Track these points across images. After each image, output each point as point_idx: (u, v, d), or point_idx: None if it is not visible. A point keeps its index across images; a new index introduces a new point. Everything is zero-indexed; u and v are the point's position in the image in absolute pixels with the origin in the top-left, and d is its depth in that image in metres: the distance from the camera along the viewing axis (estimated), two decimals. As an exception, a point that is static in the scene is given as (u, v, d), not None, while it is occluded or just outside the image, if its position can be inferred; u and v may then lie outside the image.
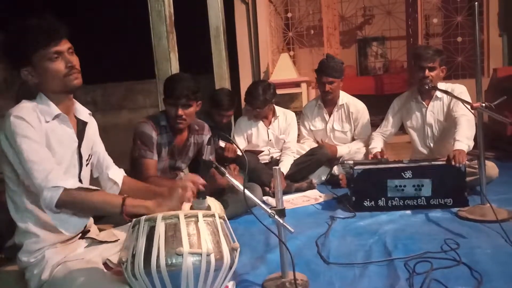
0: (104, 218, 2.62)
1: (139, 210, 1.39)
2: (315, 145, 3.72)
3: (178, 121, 2.47)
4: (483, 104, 2.30)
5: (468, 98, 2.78)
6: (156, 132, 2.51)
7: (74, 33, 1.54)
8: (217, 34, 4.54)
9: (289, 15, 5.73)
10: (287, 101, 5.06)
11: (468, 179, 2.66)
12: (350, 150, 3.56)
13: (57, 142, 1.49)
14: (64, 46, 1.48)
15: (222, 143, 3.14)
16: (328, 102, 3.66)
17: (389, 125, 3.27)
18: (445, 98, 3.02)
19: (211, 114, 3.40)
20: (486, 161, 2.55)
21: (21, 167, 1.39)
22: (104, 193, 1.54)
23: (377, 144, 3.20)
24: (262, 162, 3.56)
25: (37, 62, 1.45)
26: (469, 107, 2.39)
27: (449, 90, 2.84)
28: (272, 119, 3.63)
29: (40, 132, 1.44)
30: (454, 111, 2.93)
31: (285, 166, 3.42)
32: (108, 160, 1.77)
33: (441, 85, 2.99)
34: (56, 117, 1.50)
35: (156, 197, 1.52)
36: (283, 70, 5.07)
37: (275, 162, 3.56)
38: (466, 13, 5.22)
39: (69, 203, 1.38)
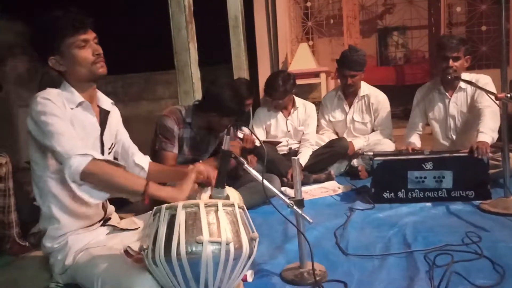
0: (124, 206, 2.67)
1: (160, 194, 1.41)
2: (335, 136, 3.69)
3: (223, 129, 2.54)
4: (508, 95, 2.24)
5: (493, 89, 2.71)
6: (178, 126, 2.55)
7: (94, 25, 1.57)
8: (236, 25, 4.53)
9: (308, 4, 5.67)
10: (306, 92, 5.03)
11: (491, 171, 2.60)
12: (369, 143, 3.52)
13: (80, 129, 1.53)
14: (91, 35, 1.53)
15: (240, 134, 3.15)
16: (349, 93, 3.62)
17: (416, 117, 3.21)
18: (469, 89, 2.95)
19: None
20: (510, 154, 2.49)
21: (48, 140, 1.41)
22: (128, 172, 1.57)
23: (415, 140, 3.15)
24: (280, 153, 3.56)
25: (66, 49, 1.50)
26: (493, 97, 2.33)
27: (474, 81, 2.77)
28: (292, 110, 3.60)
29: (66, 114, 1.48)
30: (478, 102, 2.87)
31: (303, 158, 3.40)
32: (133, 148, 1.81)
33: (465, 75, 2.92)
34: (80, 104, 1.54)
35: (184, 177, 1.56)
36: (302, 60, 5.04)
37: (293, 153, 3.55)
38: (491, 1, 5.08)
39: (95, 174, 1.38)
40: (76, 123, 1.51)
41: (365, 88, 3.60)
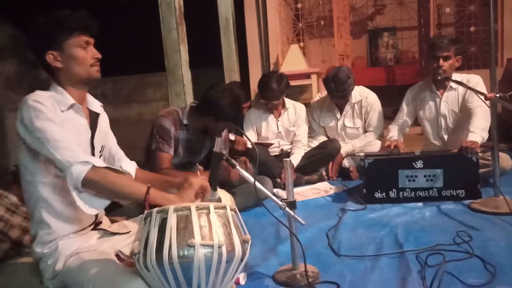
0: (116, 209, 2.65)
1: (161, 202, 1.39)
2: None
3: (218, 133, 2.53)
4: (497, 95, 2.26)
5: (483, 89, 2.73)
6: (175, 128, 2.54)
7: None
8: (227, 26, 4.53)
9: (299, 5, 5.68)
10: (297, 93, 5.03)
11: (481, 171, 2.62)
12: (354, 149, 3.51)
13: (72, 132, 1.50)
14: (92, 39, 1.55)
15: (232, 136, 3.14)
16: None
17: (404, 115, 3.21)
18: (460, 88, 2.97)
19: None
20: (500, 153, 2.51)
21: (44, 147, 1.39)
22: (129, 178, 1.55)
23: (394, 133, 3.15)
24: (272, 154, 3.55)
25: (68, 47, 1.50)
26: (482, 97, 2.35)
27: (465, 81, 2.78)
28: (282, 111, 3.60)
29: (58, 118, 1.45)
30: (469, 102, 2.88)
31: (295, 159, 3.40)
32: (120, 153, 1.79)
33: (456, 75, 2.94)
34: (71, 107, 1.53)
35: (170, 187, 1.55)
36: (293, 61, 5.04)
37: (285, 154, 3.55)
38: (480, 3, 5.13)
39: (96, 181, 1.37)
40: (68, 126, 1.49)
41: (357, 95, 3.56)
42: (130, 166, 1.79)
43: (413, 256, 1.85)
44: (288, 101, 3.65)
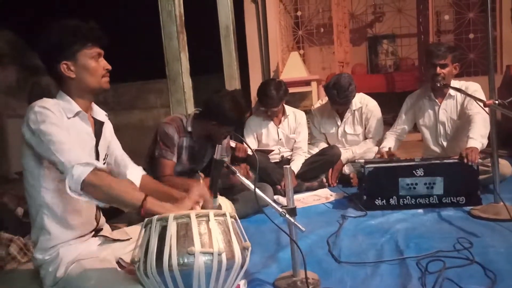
0: (117, 216, 2.65)
1: (157, 210, 1.38)
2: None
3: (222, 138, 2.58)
4: (496, 102, 2.27)
5: (482, 96, 2.74)
6: (179, 135, 2.56)
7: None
8: (227, 34, 4.55)
9: (299, 13, 5.72)
10: (297, 100, 5.05)
11: (481, 177, 2.62)
12: (354, 155, 3.52)
13: (77, 139, 1.52)
14: (102, 51, 1.58)
15: (232, 143, 3.15)
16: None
17: (402, 123, 3.23)
18: (459, 96, 2.98)
19: None
20: (500, 159, 2.52)
21: (48, 149, 1.40)
22: (128, 184, 1.56)
23: (387, 143, 3.16)
24: (273, 161, 3.56)
25: (81, 57, 1.52)
26: (481, 104, 2.36)
27: (463, 88, 2.80)
28: (282, 118, 3.61)
29: (64, 123, 1.47)
30: (468, 109, 2.90)
31: (296, 165, 3.41)
32: (126, 160, 1.80)
33: (455, 83, 2.95)
34: (77, 114, 1.55)
35: (171, 201, 1.55)
36: (293, 68, 5.06)
37: (285, 161, 3.56)
38: (478, 10, 5.16)
39: (95, 184, 1.36)
40: (73, 133, 1.51)
41: (357, 102, 3.56)
42: (135, 174, 1.79)
43: (413, 262, 1.84)
44: (288, 108, 3.66)
